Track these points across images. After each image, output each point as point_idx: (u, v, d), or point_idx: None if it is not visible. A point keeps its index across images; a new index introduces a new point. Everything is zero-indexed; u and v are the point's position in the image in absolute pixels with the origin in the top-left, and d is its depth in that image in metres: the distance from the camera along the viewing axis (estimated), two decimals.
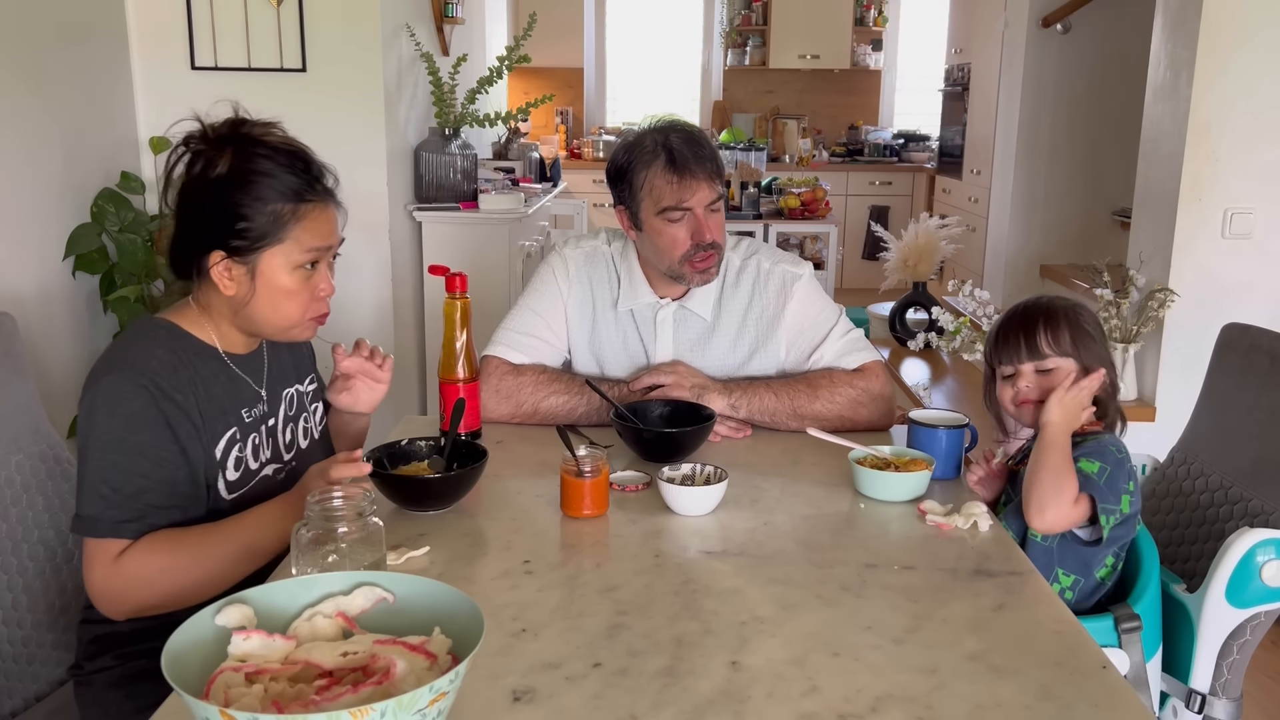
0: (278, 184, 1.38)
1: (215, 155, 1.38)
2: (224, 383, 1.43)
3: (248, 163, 1.38)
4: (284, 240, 1.39)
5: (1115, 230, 4.57)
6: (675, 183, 1.74)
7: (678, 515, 1.45)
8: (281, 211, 1.38)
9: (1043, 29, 4.69)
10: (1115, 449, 1.51)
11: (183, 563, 1.32)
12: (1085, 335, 1.57)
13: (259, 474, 1.47)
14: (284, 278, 1.40)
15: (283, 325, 1.44)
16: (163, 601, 1.32)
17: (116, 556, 1.31)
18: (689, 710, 0.98)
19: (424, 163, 3.66)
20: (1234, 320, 1.85)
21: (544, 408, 1.80)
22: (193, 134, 1.41)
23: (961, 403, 3.99)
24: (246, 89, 3.20)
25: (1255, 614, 1.50)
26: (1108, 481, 1.47)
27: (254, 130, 1.41)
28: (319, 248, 1.42)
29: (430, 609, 0.96)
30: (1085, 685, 1.03)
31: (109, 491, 1.30)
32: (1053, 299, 1.62)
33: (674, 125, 1.80)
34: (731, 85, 7.77)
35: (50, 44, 2.71)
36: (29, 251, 2.67)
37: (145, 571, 1.31)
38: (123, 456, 1.31)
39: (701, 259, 1.78)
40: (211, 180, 1.37)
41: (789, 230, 5.45)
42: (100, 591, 1.32)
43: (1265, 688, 2.48)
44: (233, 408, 1.43)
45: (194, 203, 1.39)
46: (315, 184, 1.42)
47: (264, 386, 1.50)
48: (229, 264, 1.38)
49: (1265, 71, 2.82)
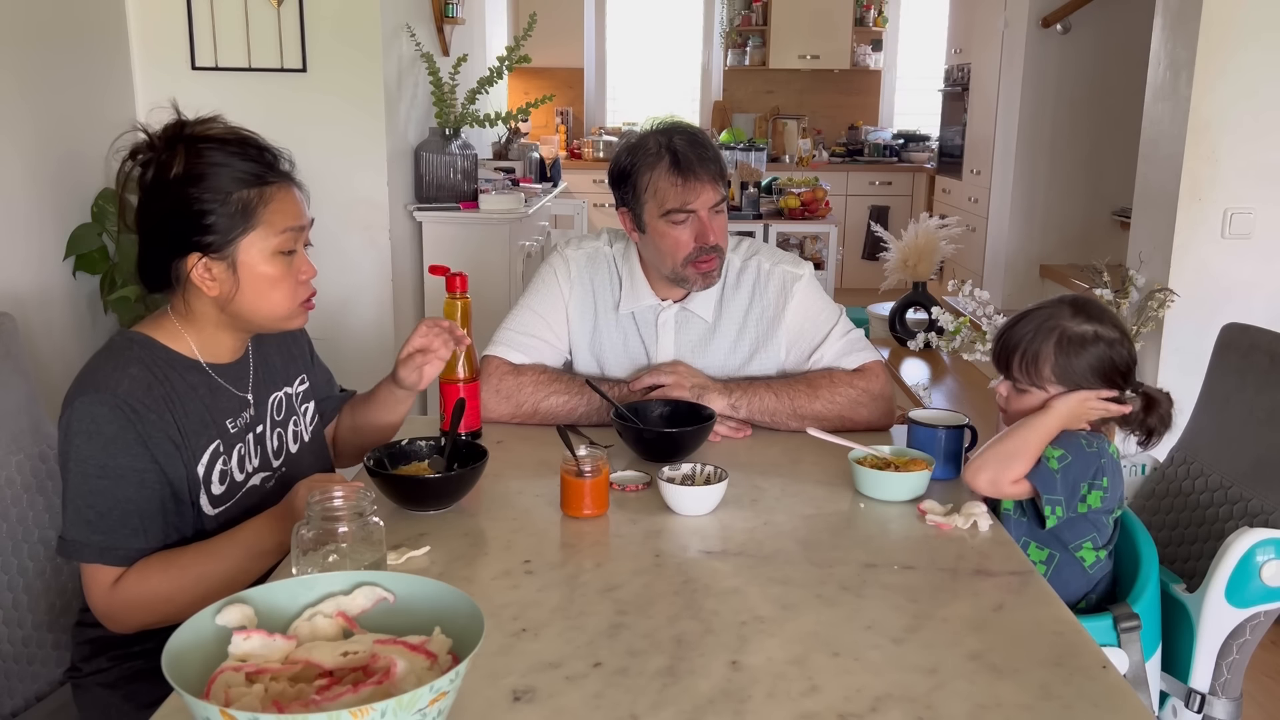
0: (235, 172, 1.36)
1: (168, 158, 1.36)
2: (204, 395, 1.40)
3: (200, 158, 1.35)
4: (256, 226, 1.36)
5: (1115, 230, 4.58)
6: (679, 185, 1.73)
7: (678, 515, 1.45)
8: (247, 198, 1.36)
9: (1043, 29, 4.69)
10: (1089, 443, 1.49)
11: (178, 584, 1.32)
12: (1068, 365, 1.52)
13: (245, 485, 1.45)
14: (264, 265, 1.38)
15: (275, 315, 1.42)
16: (164, 621, 1.30)
17: (113, 583, 1.31)
18: (689, 710, 0.99)
19: (424, 163, 3.66)
20: (1234, 320, 1.85)
21: (544, 408, 1.80)
22: (138, 144, 1.38)
23: (961, 403, 4.00)
24: (246, 89, 3.21)
25: (1255, 614, 1.50)
26: (1063, 471, 1.46)
27: (197, 128, 1.39)
28: (292, 228, 1.39)
29: (430, 609, 0.96)
30: (1085, 685, 1.03)
31: (94, 516, 1.30)
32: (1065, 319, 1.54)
33: (677, 127, 1.79)
34: (731, 85, 7.77)
35: (50, 44, 2.72)
36: (29, 251, 2.67)
37: (142, 597, 1.31)
38: (105, 481, 1.30)
39: (704, 261, 1.78)
40: (169, 182, 1.35)
41: (789, 230, 5.45)
42: (103, 614, 1.33)
43: (1265, 688, 2.48)
44: (215, 420, 1.41)
45: (155, 210, 1.36)
46: (272, 167, 1.40)
47: (250, 393, 1.48)
48: (207, 262, 1.36)
49: (1265, 72, 2.83)
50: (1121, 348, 1.54)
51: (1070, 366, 1.52)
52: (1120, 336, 1.55)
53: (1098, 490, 1.47)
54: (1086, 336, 1.53)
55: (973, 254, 5.52)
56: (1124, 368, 1.54)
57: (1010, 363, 1.57)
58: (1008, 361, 1.58)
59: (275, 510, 1.37)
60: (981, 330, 3.19)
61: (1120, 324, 1.58)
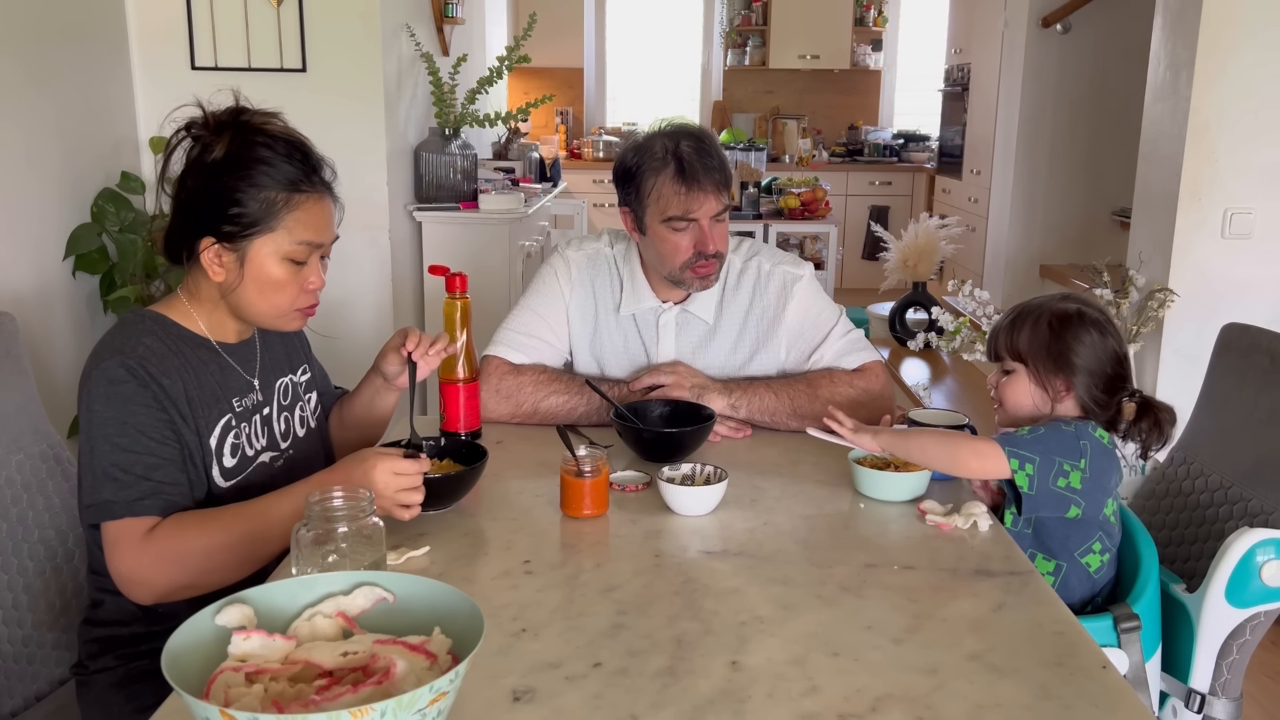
0: (273, 171, 1.37)
1: (214, 140, 1.38)
2: (214, 371, 1.42)
3: (245, 149, 1.37)
4: (275, 229, 1.38)
5: (1115, 230, 4.57)
6: (683, 194, 1.73)
7: (678, 515, 1.45)
8: (275, 199, 1.37)
9: (1043, 29, 4.69)
10: (1068, 424, 1.48)
11: (217, 538, 1.30)
12: (1051, 341, 1.52)
13: (256, 460, 1.46)
14: (273, 268, 1.39)
15: (270, 314, 1.43)
16: (196, 580, 1.29)
17: (144, 535, 1.28)
18: (689, 710, 0.99)
19: (424, 163, 3.66)
20: (1234, 320, 1.85)
21: (544, 407, 1.80)
22: (194, 119, 1.40)
23: (961, 403, 3.99)
24: (246, 89, 3.15)
25: (1255, 614, 1.50)
26: (1035, 437, 1.45)
27: (254, 118, 1.41)
28: (310, 241, 1.41)
29: (430, 609, 0.96)
30: (1085, 685, 1.03)
31: (119, 474, 1.29)
32: (1053, 303, 1.57)
33: (684, 130, 1.78)
34: (731, 85, 7.77)
35: (50, 44, 2.71)
36: (29, 251, 2.67)
37: (178, 550, 1.28)
38: (126, 439, 1.30)
39: (703, 267, 1.78)
40: (208, 164, 1.37)
41: (789, 230, 5.45)
42: (129, 574, 1.29)
43: (1265, 688, 2.48)
44: (225, 396, 1.43)
45: (190, 187, 1.39)
46: (312, 175, 1.41)
47: (256, 376, 1.50)
48: (219, 250, 1.38)
49: (1265, 71, 2.82)
50: (1108, 333, 1.54)
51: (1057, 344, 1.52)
52: (1105, 320, 1.55)
53: (1076, 471, 1.44)
54: (1070, 312, 1.54)
55: (973, 254, 5.52)
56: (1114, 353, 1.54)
57: (997, 341, 1.59)
58: (995, 342, 1.60)
59: (327, 474, 1.35)
60: (981, 330, 3.19)
61: (1104, 311, 1.59)
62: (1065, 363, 1.52)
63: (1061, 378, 1.53)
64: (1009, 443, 1.44)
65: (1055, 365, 1.53)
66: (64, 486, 1.62)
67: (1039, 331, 1.54)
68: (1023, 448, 1.44)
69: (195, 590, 1.30)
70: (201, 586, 1.30)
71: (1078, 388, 1.53)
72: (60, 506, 1.62)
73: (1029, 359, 1.54)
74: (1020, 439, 1.45)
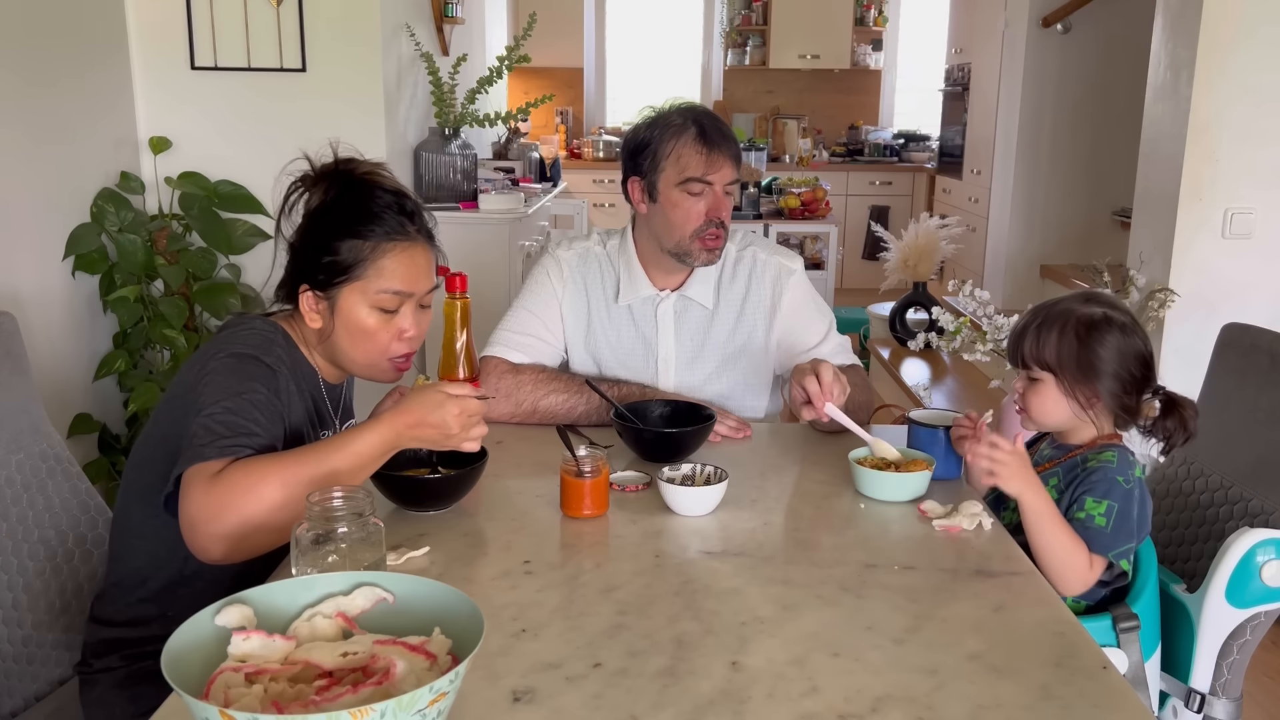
0: (364, 220, 1.41)
1: (313, 190, 1.44)
2: (310, 402, 1.48)
3: (339, 198, 1.42)
4: (360, 278, 1.42)
5: (1115, 230, 4.57)
6: (704, 154, 1.78)
7: (678, 515, 1.45)
8: (363, 248, 1.41)
9: (1043, 29, 4.69)
10: (1123, 479, 1.46)
11: (291, 468, 1.24)
12: (1080, 350, 1.49)
13: None
14: (363, 316, 1.43)
15: (362, 363, 1.47)
16: (269, 516, 1.21)
17: (217, 471, 1.23)
18: (689, 710, 0.98)
19: (424, 163, 3.66)
20: (1234, 320, 1.85)
21: (544, 406, 1.80)
22: (304, 173, 1.46)
23: (962, 403, 3.99)
24: (246, 89, 3.20)
25: (1255, 614, 1.50)
26: (1116, 523, 1.43)
27: (356, 168, 1.46)
28: (399, 290, 1.44)
29: (430, 609, 0.96)
30: (1085, 685, 1.03)
31: (223, 430, 1.27)
32: (1078, 306, 1.52)
33: (699, 106, 1.85)
34: (731, 85, 7.77)
35: (50, 44, 2.71)
36: (29, 251, 2.67)
37: (249, 477, 1.22)
38: (238, 402, 1.30)
39: (712, 236, 1.81)
40: (306, 214, 1.43)
41: (789, 230, 5.45)
42: (196, 512, 1.21)
43: (1265, 688, 2.48)
44: (312, 424, 1.48)
45: (297, 233, 1.45)
46: (405, 224, 1.45)
47: (338, 416, 1.56)
48: (314, 297, 1.43)
49: (1265, 70, 2.82)
50: (1135, 335, 1.51)
51: (1085, 353, 1.49)
52: (1131, 322, 1.52)
53: (1136, 522, 1.46)
54: (1096, 317, 1.50)
55: (973, 254, 5.52)
56: (1141, 355, 1.51)
57: (1022, 348, 1.54)
58: (1020, 349, 1.55)
59: (396, 415, 1.32)
60: (982, 330, 3.19)
61: (1128, 311, 1.56)
62: (1094, 371, 1.49)
63: (1090, 386, 1.50)
64: (1105, 547, 1.42)
65: (1084, 375, 1.50)
66: (64, 486, 1.63)
67: (1066, 339, 1.50)
68: (1120, 544, 1.44)
69: (265, 533, 1.23)
70: (272, 527, 1.22)
71: (1106, 396, 1.50)
72: (60, 506, 1.62)
73: (1057, 369, 1.51)
74: (1108, 538, 1.43)
